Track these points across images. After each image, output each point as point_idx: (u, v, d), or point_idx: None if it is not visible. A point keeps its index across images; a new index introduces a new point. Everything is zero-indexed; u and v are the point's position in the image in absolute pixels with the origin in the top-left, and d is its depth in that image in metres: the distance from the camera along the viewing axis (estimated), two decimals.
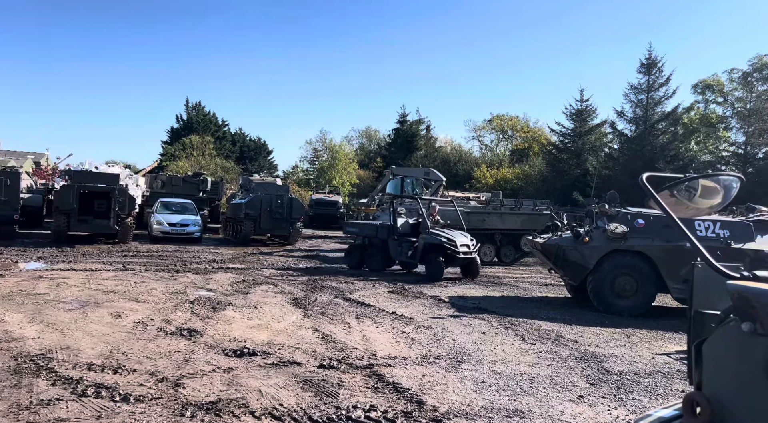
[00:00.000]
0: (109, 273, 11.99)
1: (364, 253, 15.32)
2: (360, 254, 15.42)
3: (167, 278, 11.71)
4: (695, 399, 1.62)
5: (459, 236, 13.79)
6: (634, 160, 29.76)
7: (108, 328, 7.24)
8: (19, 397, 4.71)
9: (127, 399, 4.80)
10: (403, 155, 45.28)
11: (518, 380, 5.98)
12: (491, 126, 55.63)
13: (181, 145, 45.66)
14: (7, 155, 40.92)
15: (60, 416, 4.38)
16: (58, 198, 17.78)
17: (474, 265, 14.11)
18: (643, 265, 10.36)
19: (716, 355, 1.61)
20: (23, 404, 4.57)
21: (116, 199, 17.79)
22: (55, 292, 9.47)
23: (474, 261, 14.07)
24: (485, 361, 6.63)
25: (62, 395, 4.81)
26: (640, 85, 32.08)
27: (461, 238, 13.73)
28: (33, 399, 4.69)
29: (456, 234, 13.84)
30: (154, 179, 26.75)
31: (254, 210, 20.20)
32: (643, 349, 7.74)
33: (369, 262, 15.11)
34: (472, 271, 14.12)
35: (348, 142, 57.89)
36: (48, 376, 5.29)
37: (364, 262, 15.26)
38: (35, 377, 5.23)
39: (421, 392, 5.40)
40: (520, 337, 8.06)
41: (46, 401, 4.65)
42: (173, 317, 8.08)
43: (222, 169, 42.13)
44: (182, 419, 4.48)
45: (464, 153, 50.86)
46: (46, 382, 5.11)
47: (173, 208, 21.14)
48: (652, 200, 1.91)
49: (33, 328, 7.06)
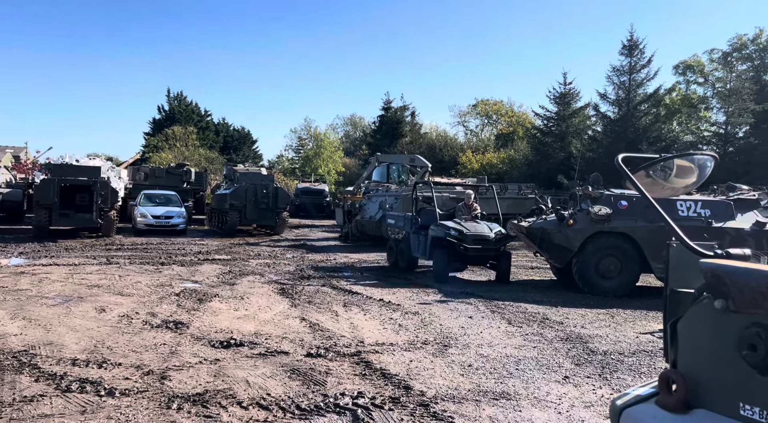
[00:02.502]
0: (92, 267, 11.86)
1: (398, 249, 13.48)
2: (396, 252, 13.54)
3: (152, 271, 11.61)
4: (671, 376, 1.63)
5: (481, 228, 11.63)
6: (617, 142, 29.93)
7: (92, 323, 7.18)
8: (2, 395, 4.66)
9: (112, 393, 4.77)
10: (388, 142, 45.11)
11: (504, 363, 6.03)
12: (476, 111, 55.60)
13: (163, 136, 45.12)
14: None
15: (44, 412, 4.34)
16: (39, 192, 17.51)
17: (503, 263, 11.78)
18: (626, 246, 10.47)
19: (691, 333, 1.62)
20: (6, 401, 4.52)
21: (98, 193, 17.57)
22: (38, 288, 9.35)
23: (502, 257, 11.77)
24: (472, 345, 6.68)
25: (46, 391, 4.76)
26: (622, 67, 32.17)
27: (480, 230, 11.52)
28: (16, 396, 4.63)
29: (480, 226, 11.71)
30: (137, 171, 26.44)
31: (239, 200, 20.06)
32: (628, 329, 7.85)
33: (399, 258, 13.35)
34: (501, 271, 11.81)
35: (333, 130, 57.80)
36: (31, 372, 5.23)
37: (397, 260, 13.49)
38: (18, 374, 5.17)
39: (409, 378, 5.42)
40: (506, 320, 8.13)
41: (29, 398, 4.60)
42: (159, 310, 8.02)
43: (206, 159, 41.74)
44: (169, 412, 4.46)
45: (449, 139, 50.80)
46: (29, 379, 5.06)
47: (157, 200, 20.93)
48: (628, 181, 1.91)
49: (15, 324, 6.98)
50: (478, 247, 11.29)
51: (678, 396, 1.59)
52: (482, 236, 11.47)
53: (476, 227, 11.61)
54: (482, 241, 11.43)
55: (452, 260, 11.55)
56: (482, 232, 11.52)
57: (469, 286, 11.03)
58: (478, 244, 11.31)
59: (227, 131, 54.31)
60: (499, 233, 11.67)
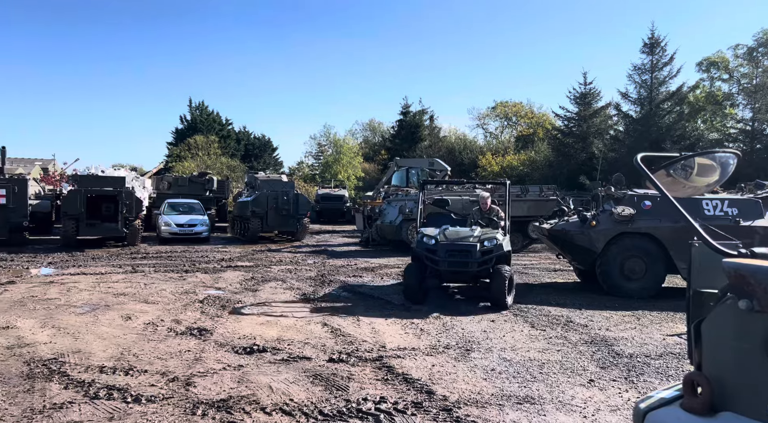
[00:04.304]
0: (118, 275, 12.07)
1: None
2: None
3: (176, 278, 11.78)
4: (695, 379, 1.60)
5: (464, 236, 9.32)
6: (640, 141, 29.49)
7: (119, 331, 7.30)
8: (33, 402, 4.76)
9: (138, 400, 4.84)
10: (407, 146, 45.12)
11: (528, 367, 5.97)
12: (495, 113, 55.27)
13: (186, 145, 45.76)
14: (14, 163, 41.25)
15: (73, 419, 4.43)
16: (66, 203, 17.89)
17: (493, 283, 8.91)
18: (651, 247, 10.29)
19: (715, 334, 1.59)
20: (36, 408, 4.62)
21: (123, 202, 17.89)
22: (66, 297, 9.55)
23: (494, 276, 8.94)
24: (495, 349, 6.63)
25: (75, 398, 4.86)
26: (643, 65, 31.73)
27: (462, 240, 9.21)
28: (46, 403, 4.73)
29: (467, 233, 9.41)
30: (161, 181, 26.86)
31: (261, 207, 20.25)
32: (654, 331, 7.70)
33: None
34: (491, 293, 9.01)
35: (352, 135, 57.91)
36: (60, 379, 5.34)
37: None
38: (48, 381, 5.29)
39: (431, 382, 5.40)
40: (529, 323, 8.05)
41: (59, 405, 4.70)
42: (183, 317, 8.13)
43: (227, 167, 42.20)
44: (194, 418, 4.51)
45: (469, 141, 50.60)
46: (58, 386, 5.16)
47: (180, 209, 21.23)
48: (648, 181, 1.89)
49: (45, 332, 7.13)
50: (452, 260, 9.03)
51: (703, 399, 1.56)
52: (461, 248, 9.05)
53: (459, 235, 9.34)
54: (459, 253, 9.04)
55: (428, 276, 9.43)
56: (463, 243, 9.11)
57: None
58: (453, 257, 9.04)
59: (248, 139, 54.92)
60: (492, 244, 9.15)
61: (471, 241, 9.19)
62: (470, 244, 9.14)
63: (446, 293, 10.35)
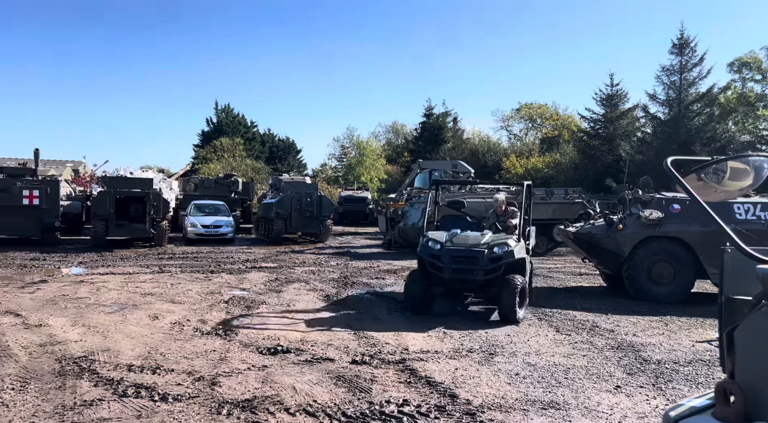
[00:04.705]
0: (146, 275, 12.29)
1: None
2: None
3: (202, 279, 11.94)
4: (728, 388, 1.57)
5: (473, 241, 8.53)
6: (668, 143, 28.95)
7: (146, 330, 7.44)
8: (64, 398, 4.88)
9: (165, 398, 4.93)
10: (430, 148, 45.03)
11: (553, 372, 5.90)
12: (519, 115, 54.86)
13: (212, 147, 46.41)
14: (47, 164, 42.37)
15: (102, 416, 4.52)
16: (96, 204, 18.29)
17: (502, 294, 8.11)
18: (680, 251, 10.09)
19: (749, 342, 1.56)
20: (68, 405, 4.73)
21: (151, 203, 18.20)
22: (96, 296, 9.76)
23: (504, 286, 8.13)
24: (519, 354, 6.57)
25: (104, 396, 4.96)
26: (672, 66, 31.17)
27: (469, 244, 8.46)
28: (77, 400, 4.85)
29: (477, 238, 8.60)
30: (187, 182, 27.27)
31: (285, 209, 20.43)
32: (683, 337, 7.55)
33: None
34: (500, 305, 8.24)
35: (375, 137, 58.04)
36: (90, 377, 5.46)
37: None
38: (78, 379, 5.41)
39: (454, 386, 5.38)
40: (554, 328, 7.96)
41: (89, 402, 4.80)
42: (209, 317, 8.24)
43: (252, 169, 42.65)
44: (219, 417, 4.57)
45: (492, 143, 50.29)
46: (88, 384, 5.28)
47: (206, 210, 21.52)
48: (678, 185, 1.86)
49: (75, 331, 7.30)
50: (457, 267, 8.35)
51: (736, 408, 1.53)
52: (467, 254, 8.35)
53: (466, 240, 8.59)
54: (465, 260, 8.34)
55: (432, 284, 8.78)
56: (469, 248, 8.39)
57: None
58: (458, 264, 8.36)
59: (273, 142, 55.46)
60: (502, 251, 8.36)
61: (479, 247, 8.39)
62: (477, 250, 8.36)
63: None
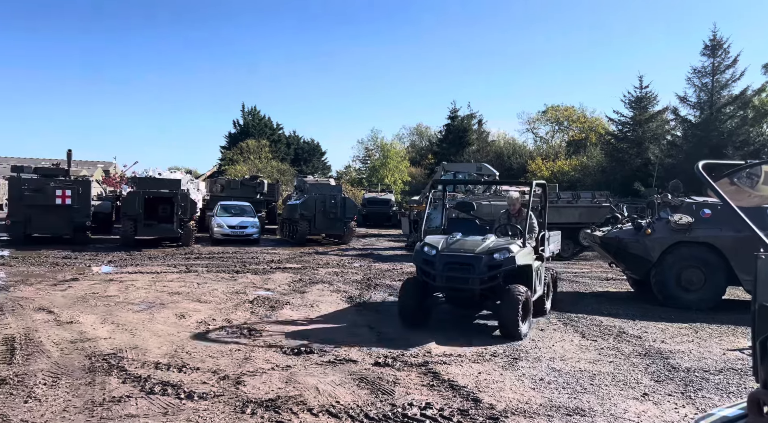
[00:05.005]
0: (173, 275, 12.50)
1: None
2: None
3: (228, 279, 12.09)
4: (761, 398, 1.53)
5: (471, 245, 7.63)
6: (699, 147, 28.33)
7: (173, 328, 7.56)
8: (94, 394, 4.99)
9: (191, 396, 5.00)
10: (455, 151, 44.86)
11: (578, 377, 5.82)
12: (546, 117, 54.28)
13: (238, 149, 47.03)
14: (78, 165, 43.37)
15: (130, 412, 4.61)
16: (126, 204, 18.68)
17: (503, 306, 7.26)
18: (711, 257, 9.86)
19: None
20: (97, 401, 4.83)
21: (179, 204, 18.51)
22: (125, 294, 9.95)
23: (504, 297, 7.26)
24: (543, 359, 6.49)
25: (132, 393, 5.06)
26: (704, 68, 30.50)
27: (466, 250, 7.56)
28: (106, 396, 4.95)
29: (477, 243, 7.68)
30: (214, 183, 27.67)
31: (309, 210, 20.57)
32: (713, 345, 7.37)
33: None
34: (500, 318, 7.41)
35: (399, 140, 58.06)
36: (119, 374, 5.57)
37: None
38: (107, 375, 5.52)
39: (478, 390, 5.34)
40: (579, 333, 7.85)
41: (117, 398, 4.90)
42: (234, 317, 8.34)
43: (278, 171, 43.07)
44: (243, 416, 4.61)
45: (518, 146, 49.87)
46: (117, 380, 5.39)
47: (232, 211, 21.79)
48: (709, 189, 1.82)
49: (105, 328, 7.46)
50: (450, 275, 7.45)
51: None
52: (462, 260, 7.43)
53: (465, 245, 7.69)
54: (460, 267, 7.41)
55: (428, 294, 7.92)
56: (465, 254, 7.48)
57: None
58: (452, 271, 7.45)
59: (298, 144, 55.97)
60: (502, 257, 7.38)
61: (476, 252, 7.45)
62: (473, 255, 7.42)
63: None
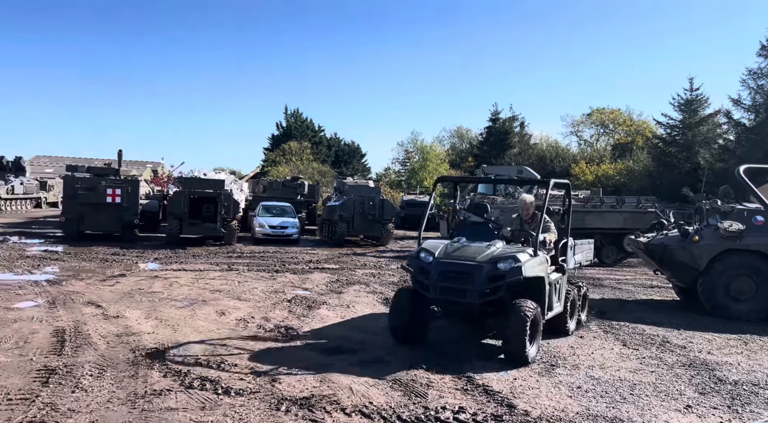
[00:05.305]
0: (215, 273, 12.80)
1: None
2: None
3: (267, 278, 12.30)
4: None
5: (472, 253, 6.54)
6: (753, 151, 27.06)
7: (213, 325, 7.75)
8: (136, 387, 5.16)
9: (228, 392, 5.11)
10: (495, 153, 44.32)
11: (618, 387, 5.67)
12: (590, 120, 53.03)
13: (281, 151, 47.81)
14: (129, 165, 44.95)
15: (170, 405, 4.75)
16: (172, 203, 19.26)
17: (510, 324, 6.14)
18: (763, 266, 9.43)
19: None
20: (139, 393, 5.00)
21: (222, 204, 18.94)
22: (168, 291, 10.25)
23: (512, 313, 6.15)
24: (582, 366, 6.36)
25: (172, 386, 5.21)
26: (760, 69, 29.13)
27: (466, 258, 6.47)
28: (147, 389, 5.11)
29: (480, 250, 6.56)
30: (257, 184, 28.20)
31: (348, 212, 20.72)
32: (764, 358, 7.06)
33: None
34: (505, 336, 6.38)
35: (439, 142, 57.77)
36: (160, 368, 5.75)
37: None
38: (149, 369, 5.71)
39: (512, 396, 5.27)
40: (621, 341, 7.64)
41: (158, 391, 5.06)
42: (272, 315, 8.48)
43: (318, 172, 43.55)
44: (278, 413, 4.69)
45: (561, 149, 48.87)
46: (158, 374, 5.56)
47: (273, 211, 22.16)
48: (751, 194, 1.75)
49: (149, 323, 7.71)
50: (446, 286, 6.39)
51: None
52: (460, 268, 6.34)
53: (465, 252, 6.56)
54: (457, 277, 6.34)
55: (424, 307, 6.79)
56: (464, 262, 6.37)
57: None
58: (448, 281, 6.38)
59: (339, 146, 56.49)
60: (506, 267, 6.24)
61: (477, 261, 6.34)
62: (474, 264, 6.30)
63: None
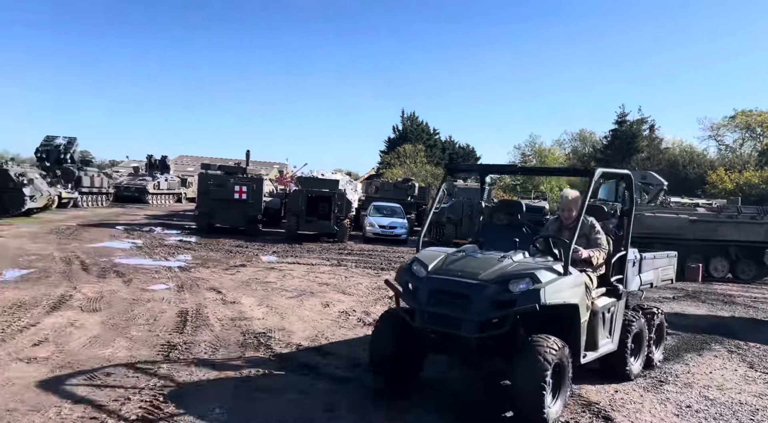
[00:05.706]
0: (325, 267, 13.38)
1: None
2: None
3: (373, 275, 12.64)
4: None
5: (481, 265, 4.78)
6: None
7: (317, 315, 8.14)
8: (241, 368, 5.59)
9: (325, 378, 5.37)
10: (620, 158, 41.68)
11: (736, 410, 5.16)
12: (734, 123, 48.03)
13: (395, 153, 48.68)
14: (257, 165, 48.27)
15: (269, 386, 5.10)
16: (291, 201, 20.47)
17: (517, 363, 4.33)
18: None
19: None
20: (244, 374, 5.41)
21: (336, 203, 19.77)
22: (281, 282, 10.91)
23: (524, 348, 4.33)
24: (696, 385, 5.85)
25: (272, 369, 5.57)
26: None
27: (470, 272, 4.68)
28: (252, 370, 5.51)
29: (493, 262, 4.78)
30: (369, 185, 29.04)
31: (456, 214, 20.67)
32: None
33: None
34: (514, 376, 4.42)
35: (559, 146, 55.48)
36: (265, 351, 6.17)
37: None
38: (256, 351, 6.15)
39: (611, 408, 5.00)
40: (747, 363, 6.92)
41: (261, 374, 5.43)
42: (372, 310, 8.72)
43: (431, 175, 43.75)
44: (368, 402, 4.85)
45: (696, 155, 44.86)
46: (263, 357, 5.97)
47: (384, 212, 22.67)
48: None
49: (260, 310, 8.27)
50: (434, 312, 4.64)
51: None
52: (455, 288, 4.63)
53: (469, 265, 4.82)
54: (450, 300, 4.62)
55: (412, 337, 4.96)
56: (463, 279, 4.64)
57: (703, 321, 9.25)
58: (438, 305, 4.65)
59: (453, 149, 56.31)
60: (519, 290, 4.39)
61: (479, 279, 4.59)
62: (473, 283, 4.56)
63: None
